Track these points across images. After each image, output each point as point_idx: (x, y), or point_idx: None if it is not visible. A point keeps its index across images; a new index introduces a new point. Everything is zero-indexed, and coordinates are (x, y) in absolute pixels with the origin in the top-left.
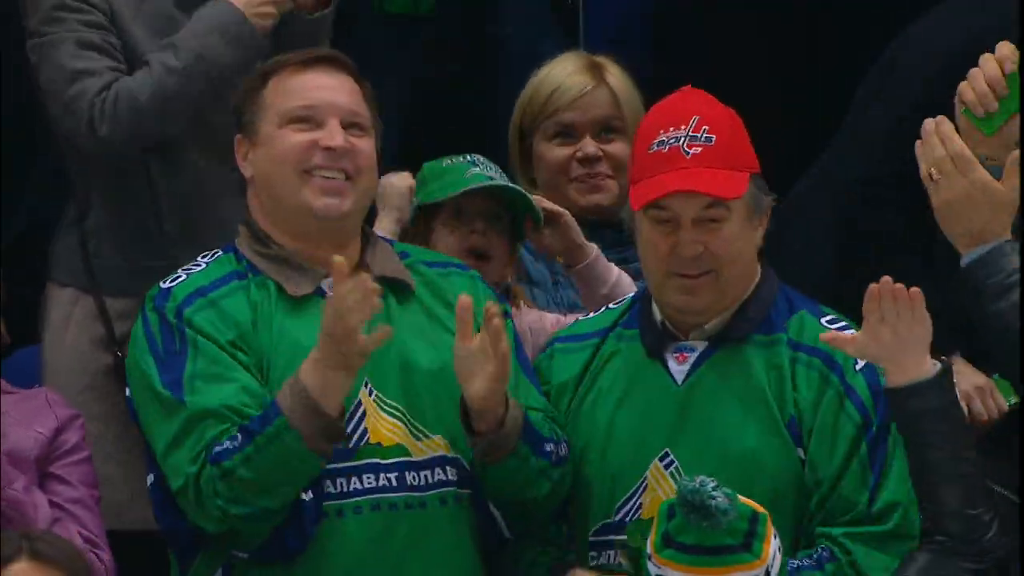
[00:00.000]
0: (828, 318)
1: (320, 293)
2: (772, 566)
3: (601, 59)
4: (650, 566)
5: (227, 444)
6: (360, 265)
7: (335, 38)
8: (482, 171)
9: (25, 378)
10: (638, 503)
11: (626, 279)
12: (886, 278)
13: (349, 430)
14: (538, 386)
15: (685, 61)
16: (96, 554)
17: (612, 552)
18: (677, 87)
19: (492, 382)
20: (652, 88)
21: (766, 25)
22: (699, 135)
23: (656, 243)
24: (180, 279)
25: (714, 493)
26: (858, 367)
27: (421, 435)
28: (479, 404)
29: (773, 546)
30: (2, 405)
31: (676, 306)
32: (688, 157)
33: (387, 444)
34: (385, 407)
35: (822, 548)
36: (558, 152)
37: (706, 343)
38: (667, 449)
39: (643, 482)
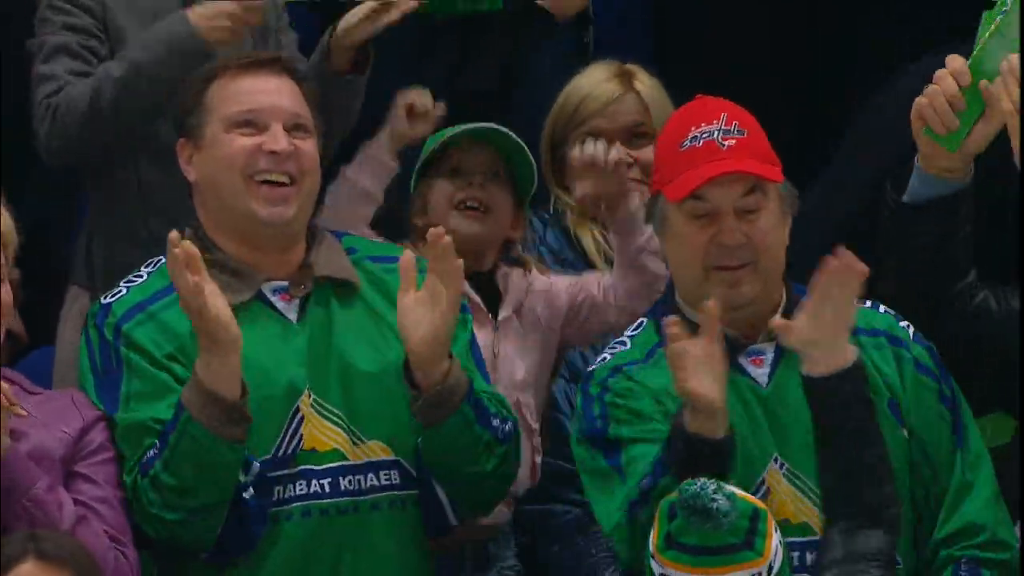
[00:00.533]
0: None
1: (262, 299)
2: (774, 562)
3: (631, 67)
4: (654, 565)
5: (151, 453)
6: (303, 265)
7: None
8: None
9: (36, 379)
10: None
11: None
12: (844, 251)
13: (287, 438)
14: (487, 376)
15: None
16: (122, 551)
17: None
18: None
19: (435, 327)
20: None
21: (768, 29)
22: (731, 129)
23: (693, 238)
24: (120, 294)
25: (715, 496)
26: (912, 336)
27: (359, 440)
28: (422, 350)
29: (775, 541)
30: (27, 406)
31: (722, 301)
32: (724, 149)
33: (322, 450)
34: (325, 413)
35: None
36: None
37: (772, 344)
38: (775, 453)
39: (762, 487)
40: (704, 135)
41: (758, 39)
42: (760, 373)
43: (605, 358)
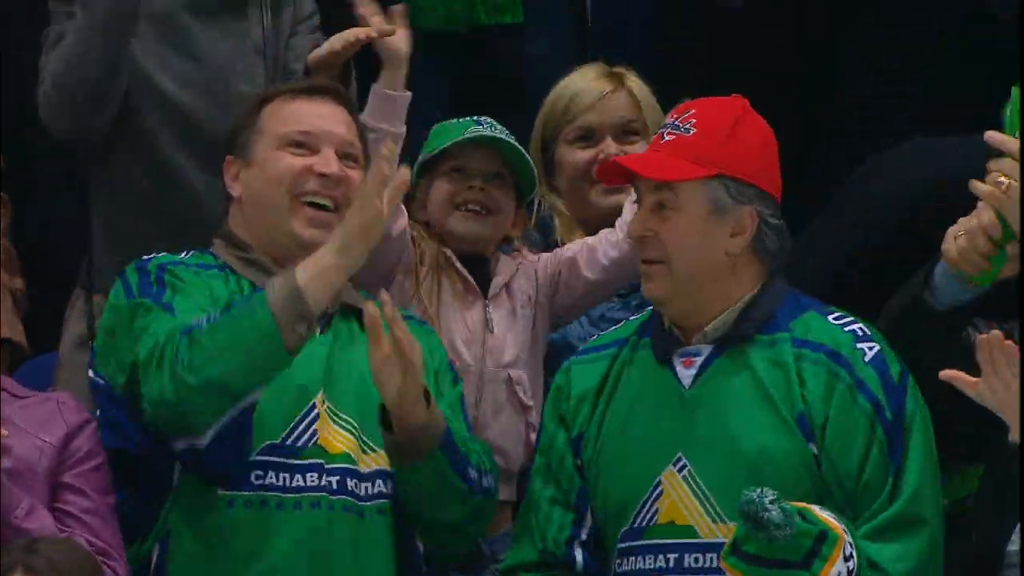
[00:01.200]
0: (835, 315)
1: None
2: None
3: (620, 68)
4: (722, 565)
5: (203, 320)
6: None
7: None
8: (486, 130)
9: (38, 384)
10: (654, 508)
11: None
12: (996, 331)
13: (299, 430)
14: (470, 428)
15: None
16: (110, 565)
17: (634, 558)
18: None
19: (405, 384)
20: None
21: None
22: (682, 125)
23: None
24: (160, 254)
25: (769, 506)
26: (867, 359)
27: (369, 450)
28: (394, 406)
29: (836, 568)
30: (10, 412)
31: (644, 294)
32: (662, 142)
33: (332, 452)
34: (338, 419)
35: None
36: (579, 155)
37: (711, 347)
38: (680, 453)
39: (657, 487)
40: (665, 128)
41: (749, 42)
42: (686, 374)
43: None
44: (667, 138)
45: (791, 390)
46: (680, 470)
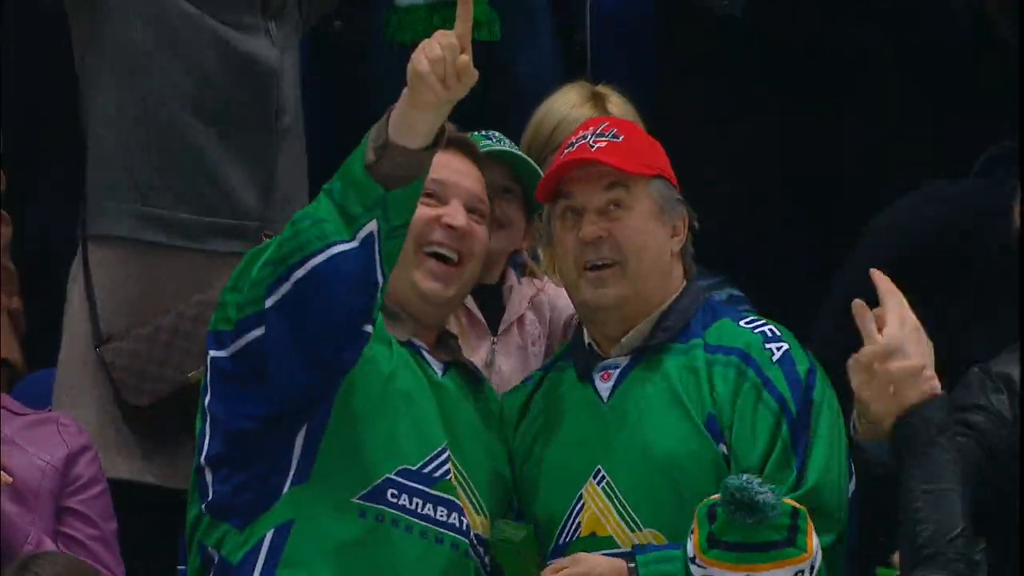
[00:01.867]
0: (747, 319)
1: (413, 348)
2: (816, 560)
3: (602, 89)
4: (694, 569)
5: None
6: (442, 336)
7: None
8: (494, 144)
9: (35, 400)
10: (576, 522)
11: None
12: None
13: (436, 466)
14: None
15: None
16: None
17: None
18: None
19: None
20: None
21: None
22: (606, 134)
23: (564, 238)
24: None
25: (760, 489)
26: (775, 358)
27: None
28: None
29: (815, 540)
30: (9, 430)
31: (590, 303)
32: (593, 150)
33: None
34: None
35: None
36: None
37: (628, 358)
38: (599, 466)
39: (579, 501)
40: (579, 140)
41: (751, 58)
42: (604, 387)
43: None
44: (597, 145)
45: (701, 393)
46: (599, 482)
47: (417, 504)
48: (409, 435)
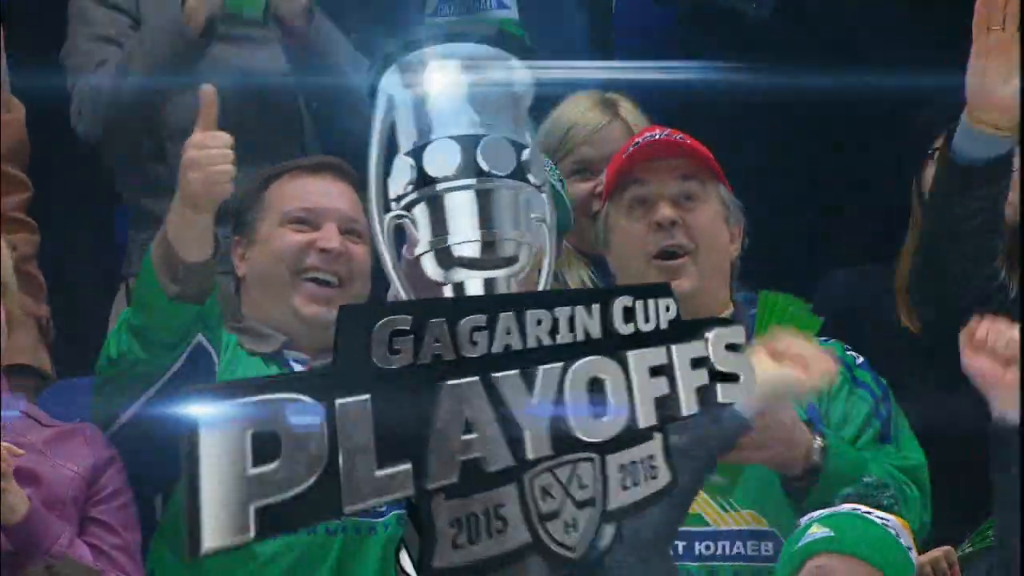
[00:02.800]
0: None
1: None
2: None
3: (612, 95)
4: None
5: None
6: None
7: None
8: None
9: (60, 409)
10: None
11: None
12: None
13: None
14: None
15: None
16: None
17: None
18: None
19: None
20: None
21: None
22: (675, 135)
23: (633, 227)
24: None
25: (884, 497)
26: (859, 362)
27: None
28: None
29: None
30: (36, 440)
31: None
32: (657, 139)
33: None
34: None
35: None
36: (578, 188)
37: None
38: None
39: None
40: (645, 138)
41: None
42: None
43: None
44: (672, 139)
45: None
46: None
47: None
48: None
